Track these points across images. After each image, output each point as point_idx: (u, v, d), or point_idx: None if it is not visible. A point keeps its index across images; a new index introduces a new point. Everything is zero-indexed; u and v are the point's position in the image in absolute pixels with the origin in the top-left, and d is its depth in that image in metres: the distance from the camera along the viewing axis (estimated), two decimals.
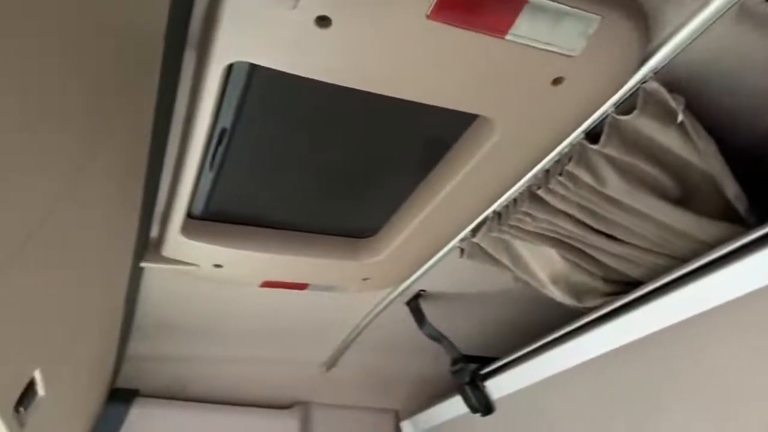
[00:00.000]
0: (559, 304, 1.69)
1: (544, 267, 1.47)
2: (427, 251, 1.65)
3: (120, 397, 2.31)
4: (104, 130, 0.84)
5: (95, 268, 1.15)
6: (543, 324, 1.76)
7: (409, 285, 1.88)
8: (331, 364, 2.51)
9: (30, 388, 0.88)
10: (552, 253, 1.43)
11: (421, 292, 2.00)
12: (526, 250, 1.48)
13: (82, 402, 1.71)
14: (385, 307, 2.05)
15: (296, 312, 2.06)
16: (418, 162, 1.31)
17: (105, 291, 1.40)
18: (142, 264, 1.54)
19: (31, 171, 0.62)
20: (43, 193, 0.67)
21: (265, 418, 2.46)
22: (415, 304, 2.03)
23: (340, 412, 2.59)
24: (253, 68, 0.97)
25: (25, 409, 0.90)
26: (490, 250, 1.51)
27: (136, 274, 1.60)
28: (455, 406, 2.14)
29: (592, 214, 1.26)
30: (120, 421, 2.27)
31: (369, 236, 1.60)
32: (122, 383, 2.35)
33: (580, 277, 1.45)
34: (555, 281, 1.48)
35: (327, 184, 1.38)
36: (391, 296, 1.97)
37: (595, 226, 1.29)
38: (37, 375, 0.87)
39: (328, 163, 1.31)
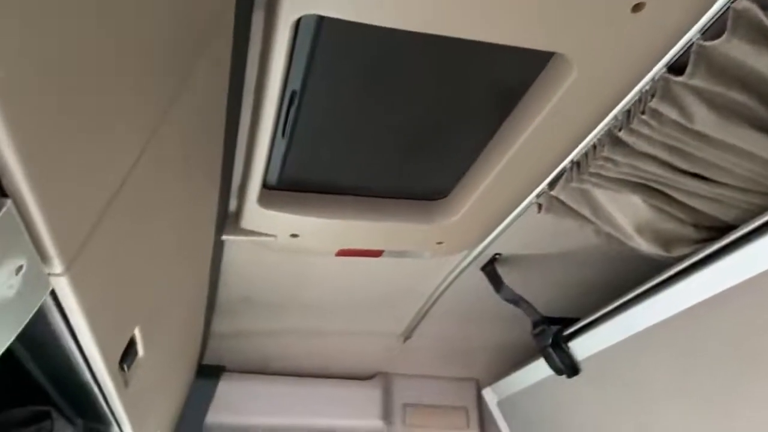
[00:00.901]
0: (642, 261, 1.62)
1: (629, 216, 1.41)
2: (502, 210, 1.61)
3: (208, 373, 2.40)
4: (179, 93, 0.86)
5: (182, 238, 1.19)
6: (625, 282, 1.70)
7: (485, 248, 1.85)
8: (408, 334, 2.51)
9: (131, 346, 0.92)
10: (637, 201, 1.37)
11: (497, 256, 1.97)
12: (608, 199, 1.42)
13: (175, 374, 1.79)
14: (460, 273, 2.03)
15: (372, 282, 2.07)
16: (491, 113, 1.28)
17: (191, 263, 1.44)
18: (223, 237, 1.58)
19: (110, 128, 0.63)
20: (122, 151, 0.68)
21: (347, 389, 2.50)
22: (490, 268, 2.00)
23: (421, 382, 2.60)
24: (321, 22, 0.97)
25: (128, 368, 0.94)
26: (570, 203, 1.46)
27: (218, 248, 1.65)
28: (538, 370, 2.10)
29: (680, 153, 1.19)
30: (209, 396, 2.36)
31: (442, 198, 1.58)
32: (209, 360, 2.44)
33: (667, 225, 1.38)
34: (640, 231, 1.41)
35: (398, 145, 1.37)
36: (466, 261, 1.95)
37: (684, 166, 1.22)
38: (137, 333, 0.90)
39: (399, 121, 1.29)
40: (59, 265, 0.53)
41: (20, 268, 0.46)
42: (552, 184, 1.47)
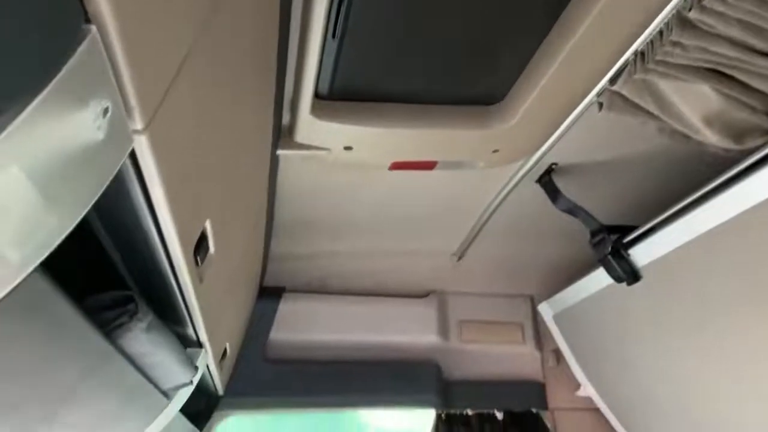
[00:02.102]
0: (703, 165, 1.55)
1: (697, 107, 1.34)
2: (561, 111, 1.56)
3: (269, 294, 2.48)
4: None
5: (241, 144, 1.19)
6: (685, 189, 1.64)
7: (541, 157, 1.81)
8: (462, 253, 2.52)
9: (203, 240, 0.94)
10: (706, 90, 1.30)
11: (553, 166, 1.93)
12: (674, 90, 1.35)
13: (241, 289, 1.85)
14: (515, 186, 2.00)
15: (426, 198, 2.07)
16: (546, 5, 1.21)
17: (251, 177, 1.46)
18: (278, 152, 1.59)
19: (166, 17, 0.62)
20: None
21: (403, 307, 2.55)
22: (547, 179, 1.96)
23: (476, 299, 2.63)
24: None
25: (201, 262, 0.97)
26: (633, 98, 1.40)
27: (274, 164, 1.66)
28: (595, 281, 2.09)
29: (757, 30, 1.11)
30: (271, 315, 2.45)
31: (498, 101, 1.54)
32: (269, 282, 2.52)
33: (739, 114, 1.31)
34: (709, 122, 1.35)
35: (452, 47, 1.32)
36: (521, 172, 1.92)
37: (760, 46, 1.14)
38: (208, 227, 0.93)
39: (452, 21, 1.24)
40: (140, 120, 0.54)
41: (106, 110, 0.46)
42: (613, 80, 1.40)
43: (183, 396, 1.37)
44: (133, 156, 0.59)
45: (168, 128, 0.60)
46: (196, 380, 1.34)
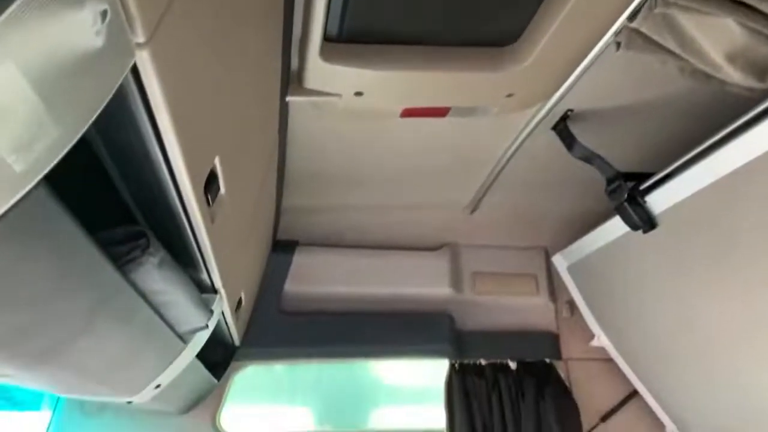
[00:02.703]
0: (722, 109, 1.51)
1: (719, 43, 1.30)
2: (577, 52, 1.51)
3: (282, 247, 2.49)
4: None
5: (249, 85, 1.17)
6: (703, 135, 1.60)
7: (557, 102, 1.77)
8: (475, 205, 2.51)
9: (213, 178, 0.93)
10: (729, 24, 1.25)
11: (568, 113, 1.89)
12: (695, 26, 1.30)
13: (254, 237, 1.85)
14: (530, 134, 1.97)
15: (438, 147, 2.04)
16: None
17: (260, 123, 1.44)
18: (288, 98, 1.57)
19: None
20: None
21: (416, 259, 2.55)
22: (562, 126, 1.92)
23: (489, 251, 2.62)
24: None
25: (212, 201, 0.96)
26: (652, 35, 1.35)
27: (284, 112, 1.64)
28: (610, 230, 2.07)
29: None
30: (285, 269, 2.46)
31: (512, 42, 1.50)
32: (282, 236, 2.53)
33: (764, 50, 1.26)
34: (732, 59, 1.30)
35: None
36: (536, 119, 1.88)
37: None
38: (218, 164, 0.92)
39: None
40: (142, 33, 0.52)
41: (105, 14, 0.45)
42: (632, 16, 1.35)
43: (199, 340, 1.38)
44: (136, 75, 0.58)
45: (171, 47, 0.59)
46: (211, 325, 1.36)
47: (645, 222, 1.84)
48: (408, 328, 2.47)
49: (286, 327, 2.40)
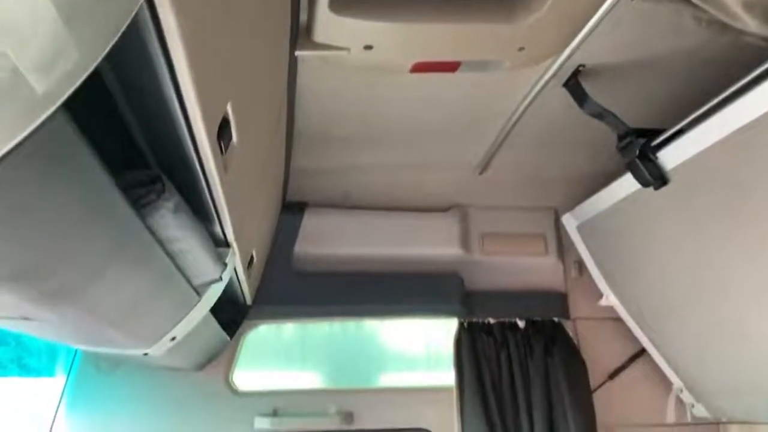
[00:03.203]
0: (738, 64, 1.48)
1: None
2: (589, 3, 1.48)
3: (292, 209, 2.50)
4: None
5: (259, 38, 1.16)
6: (718, 89, 1.58)
7: (569, 56, 1.74)
8: (484, 166, 2.49)
9: (226, 125, 0.93)
10: None
11: (580, 68, 1.86)
12: None
13: (264, 197, 1.85)
14: (541, 90, 1.94)
15: (449, 104, 2.02)
16: None
17: (269, 79, 1.43)
18: (297, 53, 1.55)
19: None
20: None
21: (425, 220, 2.56)
22: (573, 82, 1.90)
23: (498, 212, 2.62)
24: None
25: (224, 149, 0.97)
26: None
27: (293, 67, 1.63)
28: (621, 188, 2.06)
29: None
30: (295, 230, 2.48)
31: None
32: (292, 198, 2.53)
33: None
34: (750, 7, 1.28)
35: None
36: (548, 74, 1.85)
37: None
38: (230, 111, 0.92)
39: None
40: None
41: None
42: None
43: (213, 294, 1.40)
44: (152, 9, 0.57)
45: None
46: (225, 278, 1.37)
47: (656, 178, 1.84)
48: (417, 288, 2.49)
49: (297, 287, 2.43)
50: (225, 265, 1.34)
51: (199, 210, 1.13)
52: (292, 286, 2.43)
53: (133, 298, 1.03)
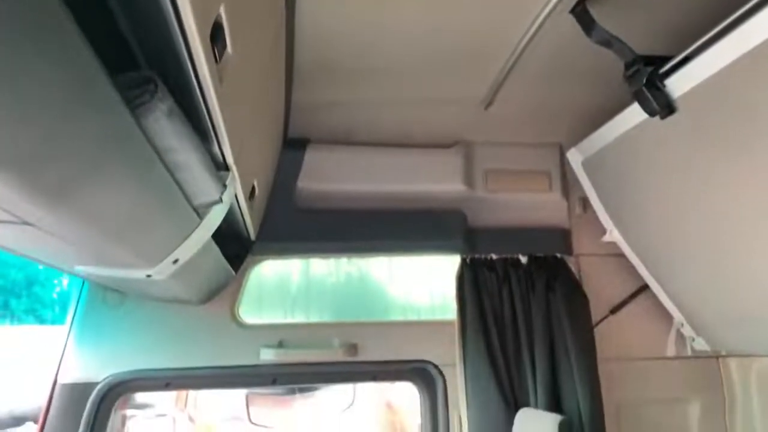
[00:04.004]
0: None
1: None
2: None
3: (294, 145, 2.48)
4: None
5: None
6: (727, 13, 1.53)
7: None
8: (489, 100, 2.45)
9: (219, 30, 0.91)
10: None
11: None
12: None
13: (263, 122, 1.83)
14: (548, 16, 1.89)
15: (452, 32, 1.98)
16: None
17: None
18: None
19: None
20: None
21: (429, 156, 2.54)
22: (581, 8, 1.85)
23: (503, 148, 2.60)
24: None
25: (219, 57, 0.94)
26: None
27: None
28: (628, 118, 2.03)
29: None
30: (298, 165, 2.47)
31: None
32: (294, 134, 2.51)
33: None
34: None
35: None
36: (554, 1, 1.80)
37: None
38: (222, 13, 0.89)
39: None
40: None
41: None
42: None
43: (215, 217, 1.40)
44: None
45: None
46: (226, 201, 1.37)
47: (664, 107, 1.80)
48: (420, 225, 2.49)
49: (300, 223, 2.43)
50: (225, 187, 1.34)
51: (197, 126, 1.12)
52: (295, 222, 2.44)
53: (132, 210, 1.03)
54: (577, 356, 2.33)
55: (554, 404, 2.26)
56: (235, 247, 2.27)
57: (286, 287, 2.70)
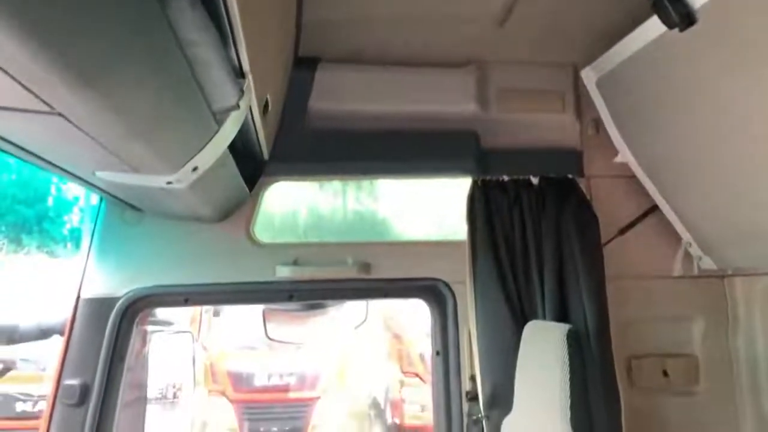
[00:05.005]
0: None
1: None
2: None
3: (304, 64, 2.46)
4: None
5: None
6: None
7: None
8: (504, 17, 2.40)
9: None
10: None
11: None
12: None
13: (276, 37, 1.81)
14: None
15: None
16: None
17: None
18: None
19: None
20: None
21: (441, 76, 2.51)
22: None
23: (516, 67, 2.57)
24: None
25: None
26: None
27: None
28: (645, 32, 1.99)
29: None
30: (309, 86, 2.45)
31: None
32: (304, 53, 2.48)
33: None
34: None
35: None
36: None
37: None
38: None
39: None
40: None
41: None
42: None
43: (232, 125, 1.41)
44: None
45: None
46: (243, 107, 1.38)
47: (683, 18, 1.77)
48: (432, 146, 2.50)
49: (311, 144, 2.44)
50: (242, 93, 1.34)
51: (217, 26, 1.11)
52: (307, 143, 2.44)
53: (154, 106, 1.05)
54: (586, 274, 2.37)
55: (562, 319, 2.32)
56: (250, 167, 2.29)
57: (299, 212, 2.73)
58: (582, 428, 1.84)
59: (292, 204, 2.68)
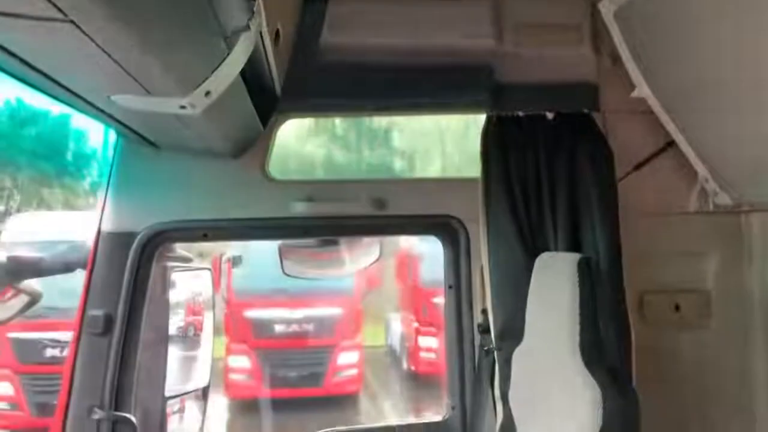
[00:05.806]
0: None
1: None
2: None
3: None
4: None
5: None
6: None
7: None
8: None
9: None
10: None
11: None
12: None
13: None
14: None
15: None
16: None
17: None
18: None
19: None
20: None
21: (456, 8, 2.47)
22: None
23: (532, 1, 2.51)
24: None
25: None
26: None
27: None
28: None
29: None
30: (320, 20, 2.42)
31: None
32: None
33: None
34: None
35: None
36: None
37: None
38: None
39: None
40: None
41: None
42: None
43: (242, 48, 1.41)
44: None
45: None
46: (253, 29, 1.37)
47: None
48: (446, 80, 2.47)
49: (324, 78, 2.43)
50: (253, 13, 1.34)
51: None
52: (320, 78, 2.43)
53: (167, 20, 1.05)
54: (599, 209, 2.37)
55: (574, 251, 2.33)
56: (263, 102, 2.29)
57: (313, 149, 2.74)
58: (592, 357, 1.86)
59: (304, 143, 2.69)
